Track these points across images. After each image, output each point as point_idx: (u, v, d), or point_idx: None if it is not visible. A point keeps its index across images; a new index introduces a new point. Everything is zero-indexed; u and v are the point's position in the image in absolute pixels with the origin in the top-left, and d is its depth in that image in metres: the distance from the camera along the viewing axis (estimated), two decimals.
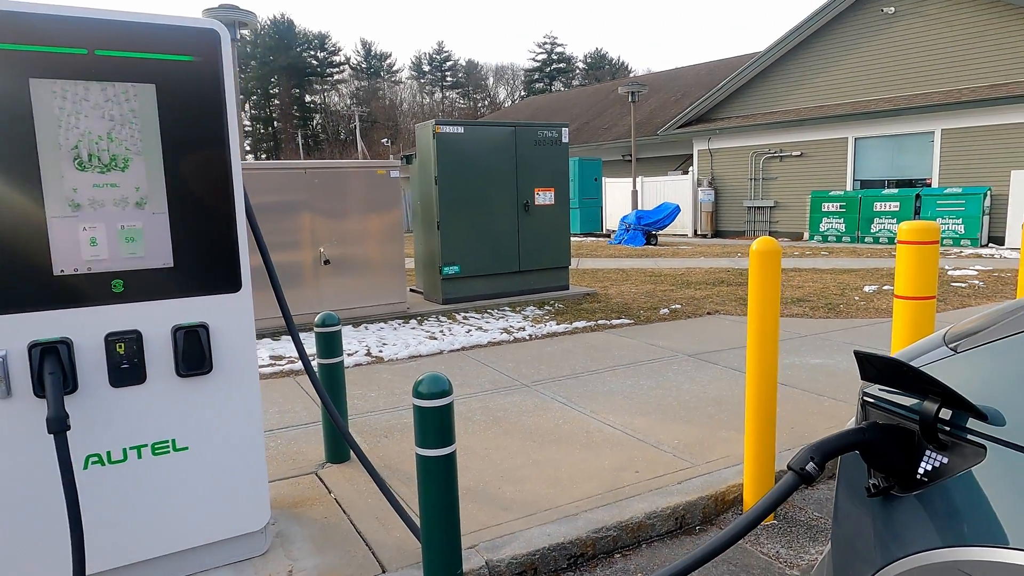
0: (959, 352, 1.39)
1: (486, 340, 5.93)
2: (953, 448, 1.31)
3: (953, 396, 1.27)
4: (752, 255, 2.83)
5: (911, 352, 1.59)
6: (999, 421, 1.24)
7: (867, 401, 1.57)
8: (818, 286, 8.53)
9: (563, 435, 3.71)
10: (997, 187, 14.06)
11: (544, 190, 7.57)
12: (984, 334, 1.38)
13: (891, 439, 1.39)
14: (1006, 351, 1.30)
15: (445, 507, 2.14)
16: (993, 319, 1.45)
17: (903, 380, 1.38)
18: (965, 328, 1.52)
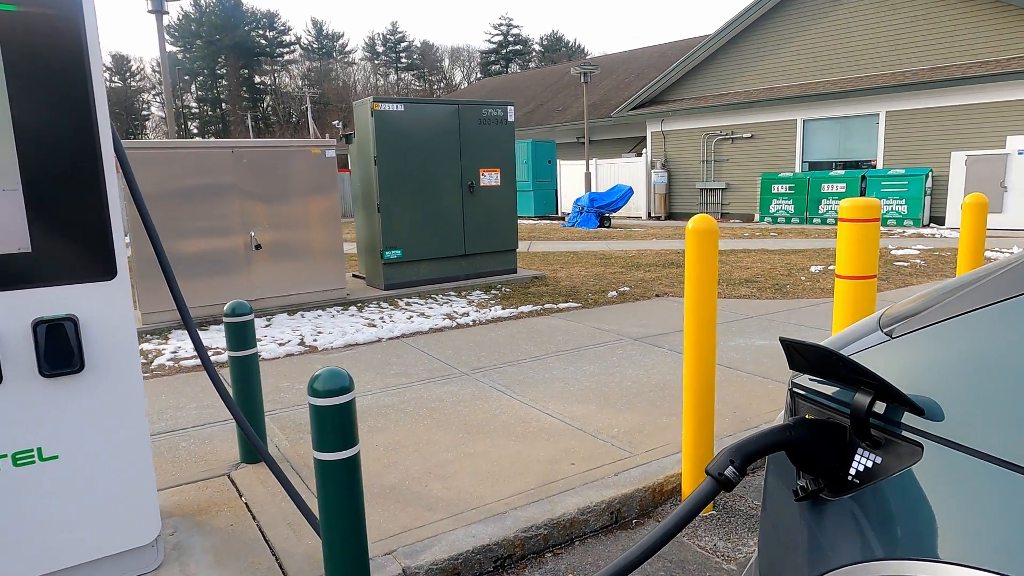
0: (894, 337, 1.24)
1: (428, 327, 5.71)
2: (887, 446, 1.16)
3: (887, 388, 1.12)
4: (688, 234, 2.68)
5: (844, 337, 1.44)
6: (937, 415, 1.09)
7: (796, 393, 1.41)
8: (766, 267, 8.54)
9: (499, 426, 3.53)
10: (938, 168, 14.39)
11: (490, 171, 7.34)
12: (921, 317, 1.23)
13: (820, 436, 1.23)
14: (944, 336, 1.15)
15: (349, 516, 1.92)
16: (930, 300, 1.31)
17: (833, 370, 1.22)
18: (901, 310, 1.38)
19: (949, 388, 1.09)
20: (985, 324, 1.11)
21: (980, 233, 4.03)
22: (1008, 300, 1.11)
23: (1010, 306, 1.10)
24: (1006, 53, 13.51)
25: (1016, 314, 1.08)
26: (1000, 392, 1.02)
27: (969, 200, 3.93)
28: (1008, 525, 0.95)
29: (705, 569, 2.45)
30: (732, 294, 6.88)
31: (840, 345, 1.40)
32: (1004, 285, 1.14)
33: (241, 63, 67.34)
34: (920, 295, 1.58)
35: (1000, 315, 1.10)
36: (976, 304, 1.14)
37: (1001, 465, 0.97)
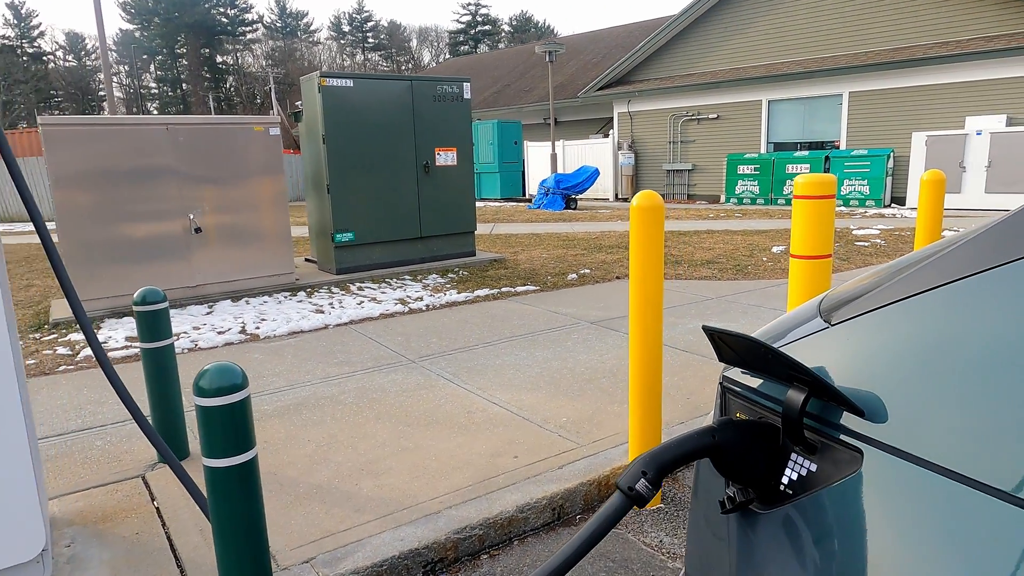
0: (833, 324, 1.07)
1: (378, 312, 5.48)
2: (823, 452, 1.00)
3: (821, 384, 0.95)
4: (633, 212, 2.50)
5: (782, 325, 1.27)
6: (879, 416, 0.92)
7: (727, 389, 1.24)
8: (728, 248, 8.46)
9: (442, 417, 3.34)
10: (899, 149, 14.49)
11: (445, 150, 7.08)
12: (864, 300, 1.07)
13: (749, 440, 1.06)
14: (888, 323, 0.98)
15: (245, 530, 1.72)
16: (875, 281, 1.14)
17: (763, 363, 1.05)
18: (844, 293, 1.21)
19: (894, 384, 0.92)
20: (933, 309, 0.95)
21: (937, 210, 3.94)
22: (960, 281, 0.95)
23: (963, 288, 0.93)
24: (967, 33, 13.59)
25: (970, 297, 0.92)
26: (951, 390, 0.85)
27: (927, 177, 3.83)
28: (955, 550, 0.79)
29: (649, 568, 2.31)
30: (693, 275, 6.77)
31: (776, 333, 1.23)
32: (955, 264, 0.98)
33: (201, 42, 65.26)
34: (866, 275, 1.42)
35: (950, 298, 0.93)
36: (924, 286, 0.98)
37: (952, 478, 0.81)
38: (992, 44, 12.88)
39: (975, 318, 0.89)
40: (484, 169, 19.18)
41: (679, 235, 9.97)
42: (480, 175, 19.30)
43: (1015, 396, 0.79)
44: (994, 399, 0.81)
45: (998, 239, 0.96)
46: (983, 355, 0.85)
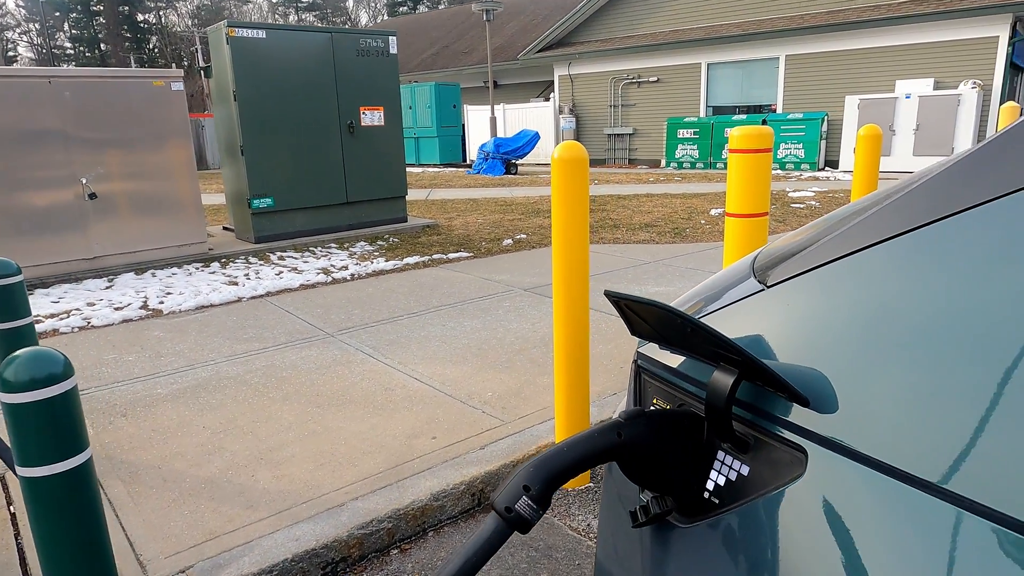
0: (769, 286, 0.84)
1: (298, 283, 5.10)
2: (758, 450, 0.77)
3: (754, 365, 0.72)
4: (554, 165, 2.24)
5: (711, 287, 1.04)
6: (827, 405, 0.70)
7: (641, 368, 1.01)
8: (667, 211, 8.35)
9: (357, 395, 3.06)
10: (833, 112, 14.69)
11: (371, 109, 6.65)
12: (804, 256, 0.84)
13: (666, 436, 0.83)
14: (836, 283, 0.76)
15: (79, 553, 1.41)
16: (814, 235, 0.92)
17: (680, 338, 0.81)
18: (779, 248, 0.99)
19: (846, 362, 0.70)
20: (895, 263, 0.72)
21: (874, 165, 3.83)
22: (919, 229, 0.73)
23: (925, 236, 0.71)
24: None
25: (936, 246, 0.70)
26: (918, 370, 0.63)
27: (864, 132, 3.71)
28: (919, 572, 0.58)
29: (575, 556, 2.11)
30: (632, 239, 6.61)
31: (704, 297, 1.00)
32: (909, 212, 0.76)
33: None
34: (803, 229, 1.20)
35: (913, 250, 0.71)
36: (879, 235, 0.75)
37: (919, 487, 0.59)
38: (922, 7, 13.08)
39: (942, 272, 0.67)
40: (422, 133, 18.59)
41: (619, 199, 9.81)
42: (418, 140, 18.72)
43: (991, 379, 0.58)
44: (969, 382, 0.59)
45: (961, 179, 0.74)
46: (954, 319, 0.63)
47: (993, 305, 0.61)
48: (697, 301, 1.00)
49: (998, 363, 0.58)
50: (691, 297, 1.07)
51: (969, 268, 0.65)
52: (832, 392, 0.70)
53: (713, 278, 1.13)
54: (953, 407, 0.59)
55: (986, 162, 0.75)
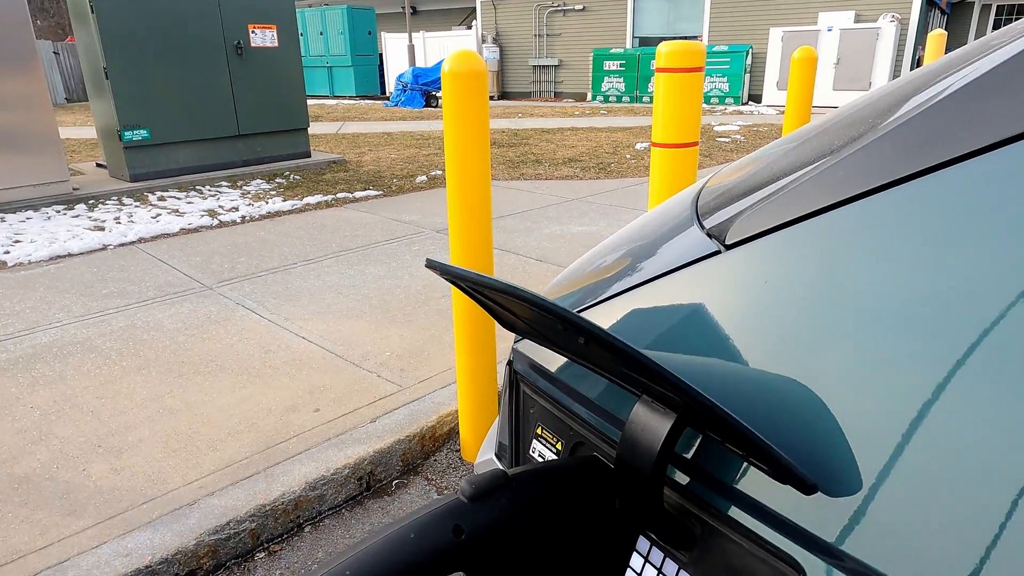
0: (729, 247, 0.48)
1: (178, 227, 4.49)
2: (708, 546, 0.42)
3: (710, 413, 0.35)
4: (446, 79, 1.80)
5: (640, 236, 0.67)
6: (844, 487, 0.34)
7: (519, 377, 0.64)
8: (592, 145, 8.00)
9: (231, 360, 2.61)
10: (758, 45, 14.54)
11: (263, 27, 5.87)
12: (776, 203, 0.47)
13: (550, 514, 0.47)
14: (846, 246, 0.40)
15: None
16: (779, 168, 0.57)
17: (575, 346, 0.44)
18: (732, 186, 0.63)
19: (881, 398, 0.35)
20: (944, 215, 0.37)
21: (808, 91, 3.55)
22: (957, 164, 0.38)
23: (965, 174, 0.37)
24: None
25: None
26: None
27: (799, 55, 3.40)
28: None
29: None
30: (554, 175, 6.23)
31: (627, 253, 0.63)
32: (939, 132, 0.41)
33: None
34: (755, 156, 0.85)
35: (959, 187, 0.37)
36: (890, 174, 0.41)
37: None
38: None
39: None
40: (336, 62, 17.35)
41: (542, 132, 9.37)
42: (331, 69, 17.48)
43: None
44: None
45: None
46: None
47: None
48: (619, 258, 0.63)
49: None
50: (610, 249, 0.70)
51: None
52: (854, 465, 0.35)
53: (641, 221, 0.76)
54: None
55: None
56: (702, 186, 0.79)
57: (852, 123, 0.59)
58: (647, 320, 0.50)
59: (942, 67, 0.71)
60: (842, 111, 0.76)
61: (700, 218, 0.56)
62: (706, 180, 0.86)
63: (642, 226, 0.70)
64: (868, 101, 0.70)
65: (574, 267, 0.78)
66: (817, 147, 0.57)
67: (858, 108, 0.68)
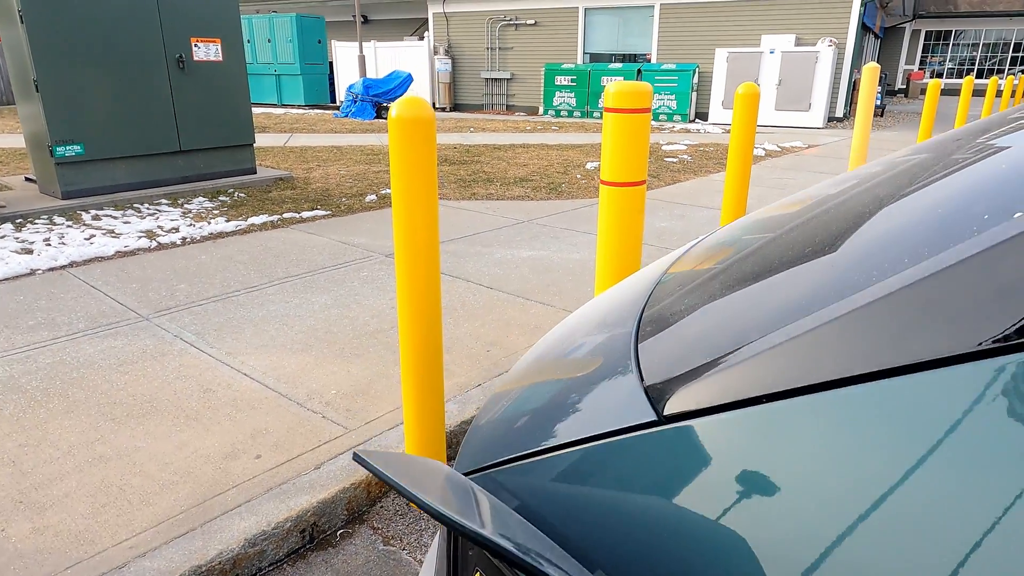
0: (667, 419, 0.46)
1: (113, 250, 4.30)
2: None
3: None
4: (392, 125, 1.77)
5: (553, 366, 0.65)
6: None
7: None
8: (543, 164, 8.05)
9: (168, 401, 2.50)
10: (704, 64, 14.94)
11: (206, 41, 5.71)
12: (734, 373, 0.46)
13: None
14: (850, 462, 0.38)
15: None
16: (753, 293, 0.55)
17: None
18: (689, 304, 0.61)
19: None
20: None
21: (751, 123, 3.65)
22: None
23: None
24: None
25: None
26: None
27: (742, 91, 3.50)
28: None
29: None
30: (506, 195, 6.24)
31: (529, 411, 0.61)
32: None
33: None
34: (724, 240, 0.85)
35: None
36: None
37: None
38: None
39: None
40: (284, 71, 17.04)
41: (493, 149, 9.39)
42: (279, 77, 17.15)
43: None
44: None
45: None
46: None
47: None
48: (553, 394, 0.59)
49: None
50: (551, 363, 0.67)
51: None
52: None
53: (558, 341, 0.73)
54: None
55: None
56: (656, 281, 0.78)
57: (839, 234, 0.56)
58: (568, 497, 0.47)
59: (942, 156, 0.71)
60: (829, 200, 0.75)
61: (639, 358, 0.55)
62: (664, 270, 0.84)
63: (562, 350, 0.68)
64: (862, 197, 0.69)
65: (522, 370, 0.75)
66: (799, 263, 0.54)
67: (848, 204, 0.68)
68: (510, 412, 0.61)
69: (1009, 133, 0.80)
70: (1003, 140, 0.73)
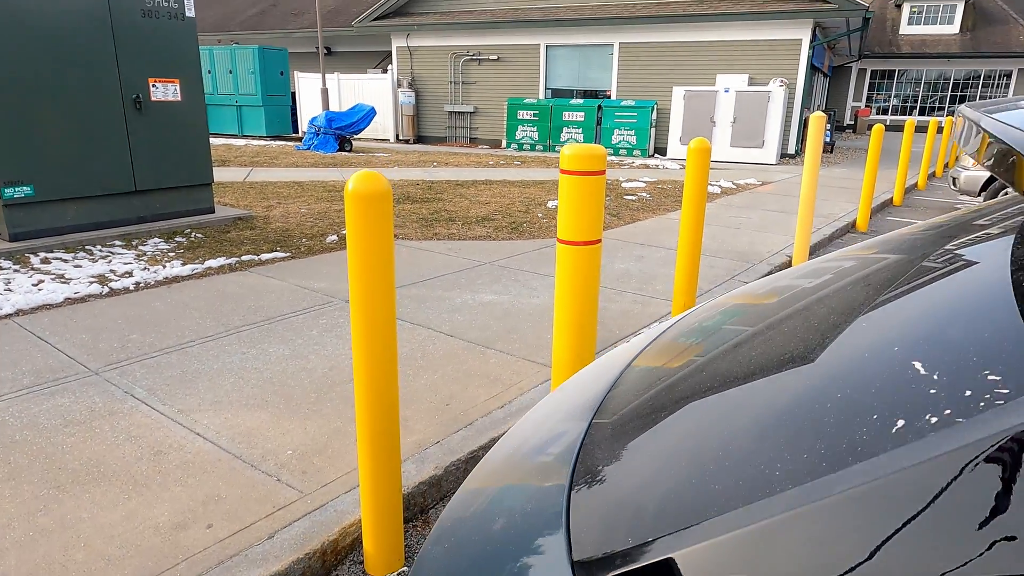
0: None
1: (63, 296, 4.19)
2: None
3: None
4: (349, 199, 1.79)
5: (511, 468, 0.67)
6: None
7: None
8: (505, 202, 8.14)
9: (118, 464, 2.44)
10: (662, 101, 15.37)
11: (165, 81, 5.67)
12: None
13: None
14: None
15: None
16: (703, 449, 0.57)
17: None
18: (618, 442, 0.63)
19: None
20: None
21: (703, 175, 3.78)
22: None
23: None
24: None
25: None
26: None
27: (694, 145, 3.62)
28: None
29: None
30: (468, 235, 6.29)
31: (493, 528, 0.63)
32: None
33: None
34: (685, 344, 0.87)
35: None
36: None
37: None
38: (738, 7, 13.94)
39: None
40: (246, 102, 16.94)
41: (456, 186, 9.46)
42: (240, 108, 17.04)
43: None
44: None
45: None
46: None
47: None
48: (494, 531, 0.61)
49: None
50: (495, 492, 0.69)
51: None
52: None
53: (525, 447, 0.76)
54: None
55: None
56: (605, 394, 0.80)
57: (808, 384, 0.56)
58: None
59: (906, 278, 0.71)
60: (807, 298, 0.77)
61: (571, 516, 0.56)
62: (617, 376, 0.87)
63: (520, 475, 0.70)
64: (845, 304, 0.70)
65: (486, 472, 0.76)
66: (760, 409, 0.54)
67: (831, 309, 0.69)
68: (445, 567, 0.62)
69: (973, 244, 0.85)
70: (970, 251, 0.79)
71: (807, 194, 5.29)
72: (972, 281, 0.67)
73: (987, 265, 0.67)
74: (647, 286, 4.79)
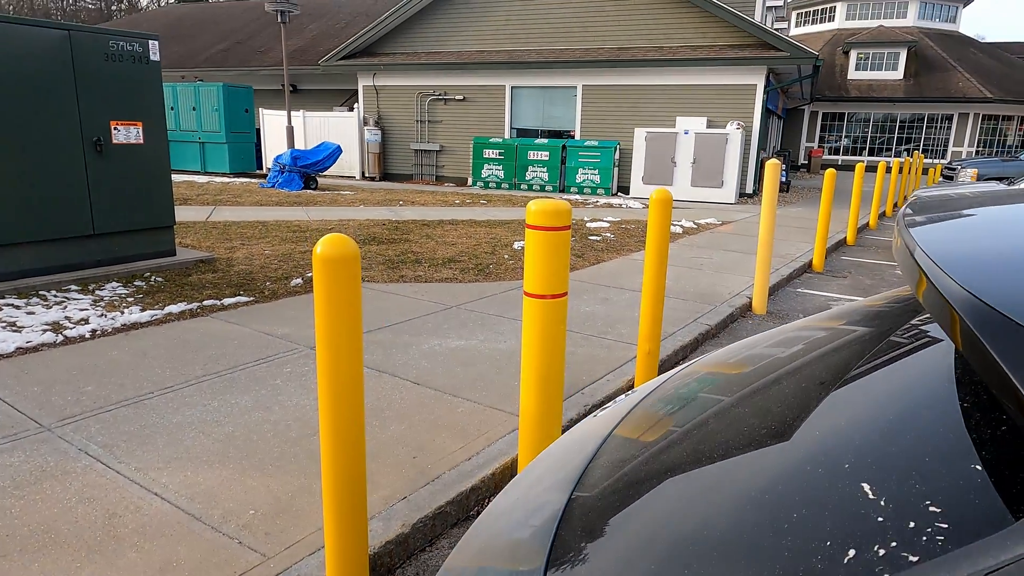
0: None
1: (14, 345, 4.05)
2: None
3: None
4: (317, 263, 1.80)
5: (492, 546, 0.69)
6: None
7: None
8: (471, 243, 8.19)
9: (70, 529, 2.34)
10: (624, 142, 15.75)
11: (127, 124, 5.61)
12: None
13: None
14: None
15: None
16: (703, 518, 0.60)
17: None
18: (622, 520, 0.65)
19: None
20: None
21: (665, 223, 3.87)
22: None
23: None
24: (676, 41, 15.11)
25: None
26: None
27: (656, 196, 3.73)
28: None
29: None
30: (434, 277, 6.30)
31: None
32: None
33: None
34: (662, 436, 0.90)
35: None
36: None
37: None
38: (696, 53, 14.48)
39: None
40: (209, 139, 16.82)
41: (422, 226, 9.50)
42: (204, 145, 16.90)
43: None
44: None
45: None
46: None
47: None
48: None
49: None
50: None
51: None
52: None
53: (501, 521, 0.77)
54: None
55: None
56: (585, 466, 0.83)
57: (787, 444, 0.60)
58: None
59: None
60: (777, 370, 0.81)
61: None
62: (597, 446, 0.89)
63: (502, 530, 0.71)
64: (805, 388, 0.74)
65: (473, 535, 0.77)
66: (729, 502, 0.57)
67: (796, 391, 0.73)
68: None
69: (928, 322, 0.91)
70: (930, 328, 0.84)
71: (765, 238, 5.46)
72: (917, 387, 0.71)
73: (930, 372, 0.72)
74: (612, 329, 4.85)
